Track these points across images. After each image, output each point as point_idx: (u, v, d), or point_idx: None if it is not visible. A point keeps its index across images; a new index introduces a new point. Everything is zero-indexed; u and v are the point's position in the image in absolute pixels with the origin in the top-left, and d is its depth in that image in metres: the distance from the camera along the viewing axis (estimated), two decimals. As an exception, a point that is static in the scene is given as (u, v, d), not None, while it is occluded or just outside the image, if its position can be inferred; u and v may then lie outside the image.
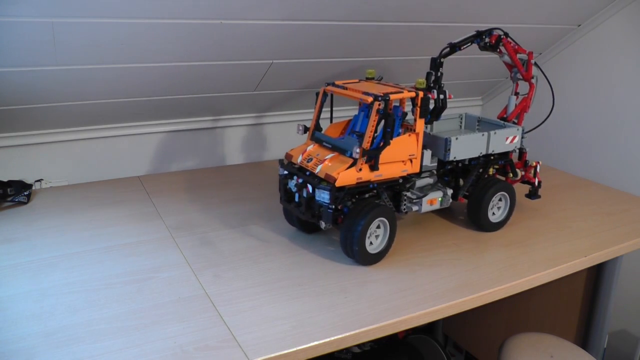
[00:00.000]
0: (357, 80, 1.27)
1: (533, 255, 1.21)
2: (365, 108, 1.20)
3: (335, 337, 0.90)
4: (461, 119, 1.49)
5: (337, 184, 1.07)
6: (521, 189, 1.47)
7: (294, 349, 0.86)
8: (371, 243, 1.13)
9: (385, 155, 1.11)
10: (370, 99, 1.09)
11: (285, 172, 1.19)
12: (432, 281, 1.08)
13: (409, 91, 1.14)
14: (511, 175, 1.39)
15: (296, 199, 1.17)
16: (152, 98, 1.56)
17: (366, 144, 1.09)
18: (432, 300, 1.02)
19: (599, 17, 1.85)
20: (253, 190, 1.56)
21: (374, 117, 1.08)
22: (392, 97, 1.10)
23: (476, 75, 2.13)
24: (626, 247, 1.29)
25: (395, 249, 1.21)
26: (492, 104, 2.33)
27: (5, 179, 1.42)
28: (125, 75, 1.41)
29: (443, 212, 1.44)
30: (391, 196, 1.20)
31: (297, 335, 0.90)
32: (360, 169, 1.09)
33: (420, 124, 1.16)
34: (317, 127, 1.24)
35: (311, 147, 1.21)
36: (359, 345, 1.84)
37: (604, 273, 1.50)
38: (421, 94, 1.14)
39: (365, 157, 1.09)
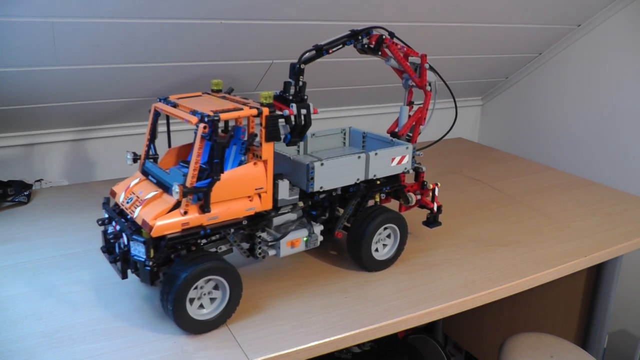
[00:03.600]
0: (199, 94, 1.04)
1: (533, 255, 1.21)
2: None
3: (335, 337, 0.90)
4: (344, 134, 1.26)
5: (154, 233, 0.83)
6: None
7: (294, 349, 0.86)
8: (202, 306, 0.89)
9: (220, 192, 0.87)
10: (195, 120, 0.86)
11: (107, 215, 0.96)
12: (432, 281, 1.08)
13: (251, 108, 0.90)
14: (403, 201, 1.18)
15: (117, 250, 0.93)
16: (152, 98, 1.56)
17: (191, 179, 0.85)
18: (432, 300, 1.02)
19: (599, 17, 1.85)
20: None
21: (199, 144, 0.84)
22: (222, 116, 0.86)
23: (475, 75, 2.13)
24: (626, 247, 1.29)
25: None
26: (493, 104, 2.33)
27: (5, 179, 1.42)
28: (125, 75, 1.41)
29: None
30: (247, 236, 0.97)
31: (297, 335, 0.90)
32: (186, 212, 0.85)
33: (267, 149, 0.91)
34: (151, 154, 1.00)
35: (135, 182, 0.95)
36: (359, 345, 1.84)
37: (604, 273, 1.49)
38: (266, 110, 0.90)
39: (190, 197, 0.86)
